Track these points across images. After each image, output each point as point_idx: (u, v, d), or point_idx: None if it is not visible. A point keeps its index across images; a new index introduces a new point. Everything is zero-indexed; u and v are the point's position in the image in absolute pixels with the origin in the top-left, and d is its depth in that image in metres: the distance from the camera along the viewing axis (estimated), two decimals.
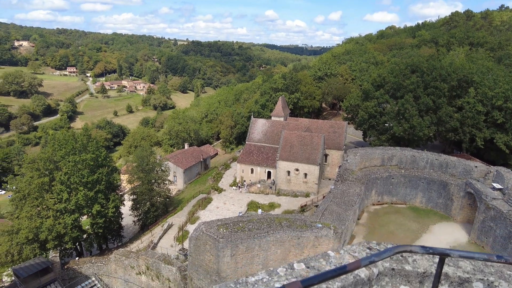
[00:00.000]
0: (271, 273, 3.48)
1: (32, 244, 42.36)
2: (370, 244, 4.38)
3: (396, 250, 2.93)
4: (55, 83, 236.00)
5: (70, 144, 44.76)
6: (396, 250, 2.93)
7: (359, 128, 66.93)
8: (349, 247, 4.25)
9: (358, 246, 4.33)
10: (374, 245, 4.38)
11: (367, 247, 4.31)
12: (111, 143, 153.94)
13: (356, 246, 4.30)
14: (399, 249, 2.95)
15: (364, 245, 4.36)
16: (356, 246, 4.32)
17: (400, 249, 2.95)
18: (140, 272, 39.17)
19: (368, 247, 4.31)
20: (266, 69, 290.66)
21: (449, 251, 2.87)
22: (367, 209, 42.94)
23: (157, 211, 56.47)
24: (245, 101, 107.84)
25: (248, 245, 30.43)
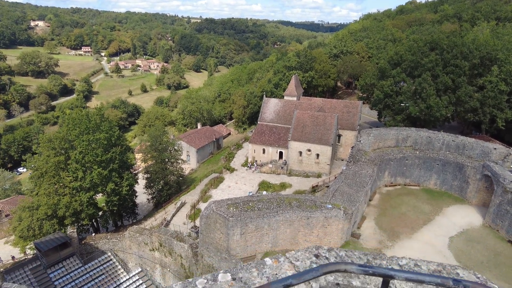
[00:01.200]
0: (187, 285, 3.04)
1: (51, 220, 43.99)
2: (319, 251, 3.76)
3: (325, 270, 2.37)
4: (70, 63, 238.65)
5: (84, 124, 45.47)
6: (325, 270, 2.37)
7: (374, 108, 65.34)
8: (293, 254, 3.65)
9: (304, 252, 3.72)
10: (323, 251, 3.76)
11: (314, 254, 3.71)
12: (126, 122, 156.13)
13: (301, 253, 3.69)
14: (330, 268, 2.38)
15: (311, 252, 3.74)
16: (302, 252, 3.71)
17: (331, 268, 2.39)
18: (154, 249, 40.33)
19: (315, 254, 3.69)
20: (281, 46, 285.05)
21: (394, 273, 2.35)
22: (379, 191, 42.42)
23: (171, 190, 57.48)
24: (258, 80, 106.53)
25: (257, 224, 30.70)
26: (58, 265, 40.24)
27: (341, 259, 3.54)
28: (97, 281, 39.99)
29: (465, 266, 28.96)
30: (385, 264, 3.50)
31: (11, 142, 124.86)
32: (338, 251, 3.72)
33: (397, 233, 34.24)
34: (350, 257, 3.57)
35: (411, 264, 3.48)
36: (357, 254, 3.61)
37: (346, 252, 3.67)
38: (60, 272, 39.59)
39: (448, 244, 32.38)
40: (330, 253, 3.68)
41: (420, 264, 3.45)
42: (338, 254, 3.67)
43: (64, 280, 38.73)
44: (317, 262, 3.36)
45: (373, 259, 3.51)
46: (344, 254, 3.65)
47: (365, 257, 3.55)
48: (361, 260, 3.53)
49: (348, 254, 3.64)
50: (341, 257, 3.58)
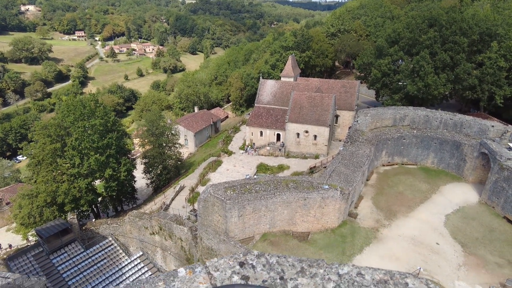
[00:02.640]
0: None
1: (51, 207, 44.23)
2: (246, 258, 3.19)
3: None
4: (64, 48, 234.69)
5: (78, 110, 45.03)
6: None
7: (372, 87, 64.73)
8: (214, 262, 3.14)
9: (228, 260, 3.17)
10: (251, 258, 3.19)
11: (239, 261, 3.15)
12: (123, 107, 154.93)
13: (224, 260, 3.16)
14: None
15: (236, 259, 3.18)
16: (226, 259, 3.17)
17: None
18: (154, 232, 40.78)
19: (240, 262, 3.14)
20: (278, 26, 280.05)
21: None
22: (376, 170, 42.56)
23: (169, 174, 57.67)
24: (255, 62, 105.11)
25: (255, 206, 30.91)
26: (60, 250, 40.80)
27: (270, 267, 3.04)
28: (100, 266, 40.64)
29: (461, 242, 29.35)
30: (322, 273, 3.00)
31: (8, 130, 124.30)
32: (269, 257, 3.20)
33: (394, 212, 34.55)
34: (282, 264, 3.07)
35: (353, 273, 3.01)
36: (291, 261, 3.11)
37: (278, 259, 3.14)
38: (63, 257, 40.17)
39: (445, 222, 32.74)
40: (259, 260, 3.16)
41: (364, 273, 2.98)
42: (268, 261, 3.15)
43: (67, 265, 39.35)
44: (240, 272, 2.93)
45: (309, 267, 3.03)
46: (275, 261, 3.13)
47: (300, 264, 3.06)
48: (295, 268, 3.03)
49: (280, 261, 3.13)
50: (271, 264, 3.08)
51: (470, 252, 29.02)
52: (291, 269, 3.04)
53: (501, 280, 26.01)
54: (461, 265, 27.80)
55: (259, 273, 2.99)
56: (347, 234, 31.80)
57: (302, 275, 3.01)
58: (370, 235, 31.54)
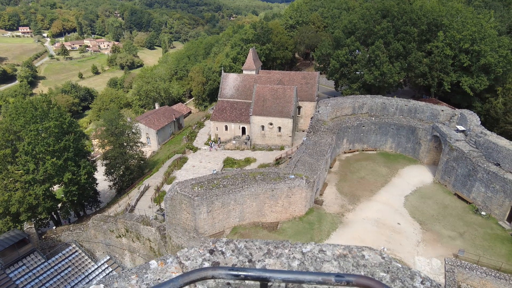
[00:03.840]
0: None
1: (4, 217, 41.44)
2: (216, 244, 3.30)
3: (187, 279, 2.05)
4: (7, 45, 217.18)
5: (29, 112, 42.13)
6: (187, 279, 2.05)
7: (331, 77, 66.58)
8: (185, 252, 3.23)
9: (199, 248, 3.27)
10: (220, 245, 3.30)
11: (209, 249, 3.25)
12: (79, 107, 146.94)
13: (195, 249, 3.25)
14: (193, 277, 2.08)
15: (206, 247, 3.29)
16: (196, 249, 3.26)
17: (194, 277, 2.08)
18: (120, 235, 39.52)
19: (210, 250, 3.25)
20: (237, 19, 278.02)
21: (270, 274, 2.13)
22: (339, 158, 44.09)
23: (132, 174, 55.90)
24: (215, 55, 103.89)
25: (223, 200, 30.91)
26: (18, 263, 38.27)
27: (239, 251, 3.20)
28: (63, 275, 38.71)
29: (419, 221, 31.29)
30: (287, 253, 3.20)
31: None
32: (238, 243, 3.35)
33: (357, 196, 36.10)
34: (250, 248, 3.26)
35: (315, 250, 3.25)
36: (258, 244, 3.32)
37: (246, 243, 3.31)
38: (21, 270, 37.74)
39: (404, 203, 34.76)
40: (228, 246, 3.29)
41: (325, 249, 3.25)
42: (236, 246, 3.29)
43: (26, 278, 37.04)
44: (210, 259, 3.07)
45: (275, 249, 3.26)
46: (243, 246, 3.28)
47: (266, 246, 3.27)
48: (261, 250, 3.21)
49: (248, 245, 3.30)
50: (239, 249, 3.25)
51: (427, 228, 31.12)
52: (258, 252, 3.21)
53: (454, 251, 28.22)
54: (420, 241, 29.76)
55: (228, 258, 3.13)
56: (314, 221, 32.79)
57: (268, 256, 3.17)
58: (336, 220, 32.76)
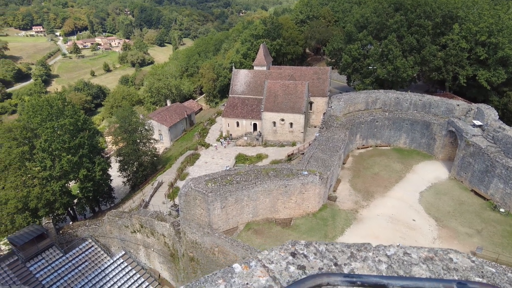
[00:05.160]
0: None
1: (23, 213, 42.40)
2: (295, 247, 3.25)
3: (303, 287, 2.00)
4: (22, 45, 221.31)
5: (45, 110, 42.95)
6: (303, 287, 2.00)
7: (343, 72, 65.89)
8: (266, 254, 3.14)
9: (279, 251, 3.20)
10: (300, 248, 3.24)
11: (290, 252, 3.17)
12: (92, 105, 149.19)
13: (276, 252, 3.18)
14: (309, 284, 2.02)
15: (287, 250, 3.22)
16: (277, 251, 3.19)
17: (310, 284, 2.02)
18: (135, 231, 40.11)
19: (291, 253, 3.16)
20: (246, 14, 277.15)
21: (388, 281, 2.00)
22: (352, 153, 43.76)
23: (146, 170, 56.60)
24: (225, 51, 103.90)
25: (237, 196, 31.08)
26: (38, 257, 39.31)
27: (321, 255, 3.14)
28: (81, 269, 39.59)
29: (435, 217, 30.89)
30: (372, 256, 3.12)
31: None
32: (318, 246, 3.26)
33: (371, 192, 35.81)
34: (332, 251, 3.17)
35: (400, 253, 3.14)
36: (339, 247, 3.20)
37: (326, 246, 3.23)
38: (40, 264, 38.76)
39: (419, 199, 34.35)
40: (309, 249, 3.20)
41: (410, 252, 3.14)
42: (317, 249, 3.20)
43: (45, 272, 38.03)
44: (294, 262, 2.98)
45: (358, 252, 3.16)
46: (324, 249, 3.20)
47: (348, 249, 3.18)
48: (345, 254, 3.14)
49: (329, 248, 3.21)
50: (321, 252, 3.17)
51: (443, 225, 30.72)
52: (342, 255, 3.13)
53: (472, 248, 27.80)
54: (436, 238, 29.41)
55: (313, 261, 3.04)
56: (328, 217, 32.70)
57: (354, 259, 3.09)
58: (350, 217, 32.61)
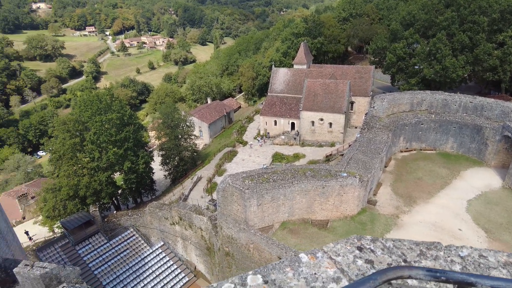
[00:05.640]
0: None
1: (74, 200, 45.58)
2: (361, 242, 3.17)
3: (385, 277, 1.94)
4: (76, 44, 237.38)
5: (95, 105, 45.80)
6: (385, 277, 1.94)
7: (387, 72, 63.48)
8: (332, 247, 3.10)
9: (345, 244, 3.14)
10: (367, 243, 3.15)
11: (356, 246, 3.11)
12: (137, 101, 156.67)
13: (341, 245, 3.13)
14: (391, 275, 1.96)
15: (353, 244, 3.15)
16: (342, 244, 3.14)
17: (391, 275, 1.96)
18: (174, 223, 41.62)
19: (358, 247, 3.10)
20: (287, 13, 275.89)
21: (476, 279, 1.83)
22: (394, 157, 42.07)
23: (186, 165, 58.39)
24: (265, 50, 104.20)
25: (273, 195, 31.11)
26: (85, 242, 42.19)
27: (388, 250, 3.03)
28: (122, 256, 41.88)
29: (484, 228, 28.95)
30: (443, 255, 2.98)
31: (28, 127, 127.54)
32: (385, 242, 3.16)
33: (413, 198, 34.23)
34: (400, 248, 3.06)
35: (474, 255, 2.92)
36: (407, 245, 3.08)
37: (394, 243, 3.11)
38: (88, 248, 41.54)
39: (466, 207, 32.27)
40: (375, 244, 3.11)
41: (486, 255, 2.91)
42: (384, 245, 3.10)
43: (92, 256, 40.69)
44: (362, 256, 2.93)
45: (427, 250, 3.02)
46: (392, 245, 3.09)
47: (417, 247, 3.05)
48: (413, 251, 3.03)
49: (397, 245, 3.10)
50: (389, 248, 3.06)
51: (494, 238, 28.62)
52: (411, 252, 3.05)
53: None
54: None
55: (381, 256, 2.98)
56: (366, 221, 31.76)
57: (424, 257, 2.99)
58: (390, 222, 31.42)
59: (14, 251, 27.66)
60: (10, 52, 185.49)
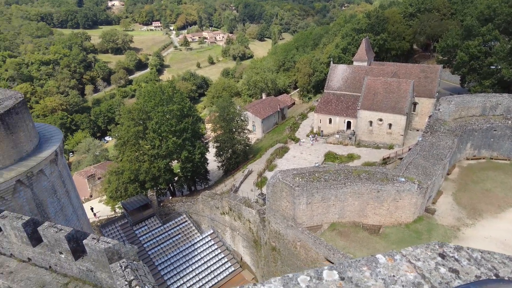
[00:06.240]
0: (288, 282, 2.54)
1: (134, 183, 49.09)
2: (444, 249, 2.96)
3: None
4: (143, 38, 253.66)
5: (158, 96, 48.62)
6: None
7: (457, 72, 58.44)
8: (411, 251, 2.94)
9: (425, 249, 2.96)
10: (450, 251, 2.93)
11: (438, 252, 2.92)
12: (196, 94, 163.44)
13: (421, 250, 2.95)
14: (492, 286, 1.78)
15: (434, 250, 2.96)
16: (422, 249, 2.96)
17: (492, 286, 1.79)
18: (224, 212, 42.90)
19: (440, 253, 2.90)
20: (349, 8, 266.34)
21: None
22: (459, 164, 38.77)
23: (238, 158, 59.70)
24: (324, 46, 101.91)
25: (324, 195, 30.52)
26: (142, 223, 45.31)
27: (476, 262, 2.81)
28: (175, 240, 44.25)
29: None
30: None
31: (98, 114, 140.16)
32: (471, 252, 2.95)
33: (479, 210, 31.30)
34: (489, 260, 2.82)
35: None
36: (499, 258, 2.84)
37: (482, 254, 2.89)
38: (144, 229, 44.58)
39: None
40: (460, 254, 2.92)
41: None
42: (471, 255, 2.90)
43: (147, 237, 43.61)
44: (445, 264, 2.74)
45: None
46: (479, 256, 2.87)
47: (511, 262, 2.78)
48: (507, 266, 2.76)
49: (486, 257, 2.87)
50: (476, 259, 2.84)
51: None
52: (503, 267, 2.83)
53: None
54: None
55: (467, 267, 2.80)
56: (422, 230, 29.80)
57: None
58: (450, 234, 29.11)
59: (83, 224, 30.70)
60: (88, 46, 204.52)
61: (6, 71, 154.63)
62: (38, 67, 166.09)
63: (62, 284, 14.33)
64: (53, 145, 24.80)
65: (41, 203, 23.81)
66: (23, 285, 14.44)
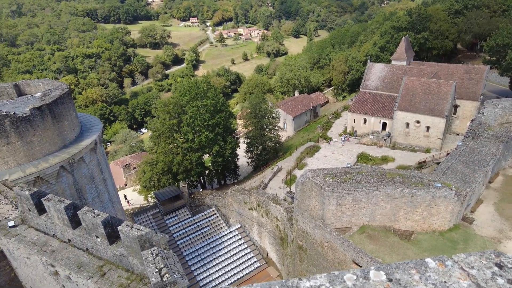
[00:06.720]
0: (333, 279, 2.49)
1: (167, 175, 50.66)
2: (501, 258, 2.74)
3: None
4: (180, 33, 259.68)
5: (193, 91, 49.70)
6: None
7: (506, 74, 54.77)
8: (463, 257, 2.78)
9: (480, 257, 2.78)
10: (508, 260, 2.72)
11: (494, 262, 2.72)
12: (229, 90, 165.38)
13: (475, 258, 2.77)
14: None
15: (489, 259, 2.77)
16: (476, 257, 2.78)
17: None
18: (252, 208, 43.23)
19: (497, 263, 2.70)
20: (389, 5, 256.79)
21: None
22: (503, 172, 36.40)
23: (268, 155, 59.80)
24: (361, 44, 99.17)
25: (354, 196, 29.89)
26: (172, 213, 46.70)
27: None
28: (203, 231, 45.22)
29: None
30: None
31: (136, 106, 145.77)
32: None
33: None
34: None
35: None
36: None
37: None
38: (174, 219, 45.93)
39: None
40: None
41: None
42: None
43: (177, 227, 44.91)
44: (503, 275, 2.57)
45: None
46: None
47: None
48: None
49: None
50: None
51: None
52: None
53: None
54: None
55: None
56: (458, 240, 28.36)
57: None
58: (489, 246, 27.48)
59: (117, 211, 32.19)
60: (128, 40, 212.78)
61: (55, 63, 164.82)
62: (82, 60, 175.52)
63: (98, 267, 15.14)
64: (93, 135, 26.15)
65: (80, 189, 25.25)
66: (63, 264, 15.42)
